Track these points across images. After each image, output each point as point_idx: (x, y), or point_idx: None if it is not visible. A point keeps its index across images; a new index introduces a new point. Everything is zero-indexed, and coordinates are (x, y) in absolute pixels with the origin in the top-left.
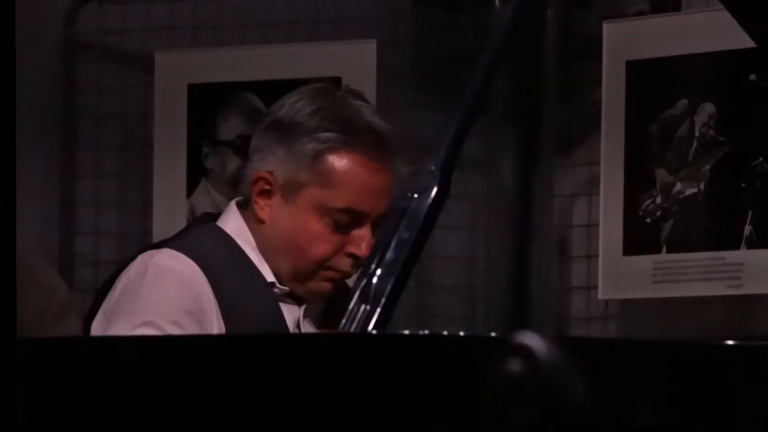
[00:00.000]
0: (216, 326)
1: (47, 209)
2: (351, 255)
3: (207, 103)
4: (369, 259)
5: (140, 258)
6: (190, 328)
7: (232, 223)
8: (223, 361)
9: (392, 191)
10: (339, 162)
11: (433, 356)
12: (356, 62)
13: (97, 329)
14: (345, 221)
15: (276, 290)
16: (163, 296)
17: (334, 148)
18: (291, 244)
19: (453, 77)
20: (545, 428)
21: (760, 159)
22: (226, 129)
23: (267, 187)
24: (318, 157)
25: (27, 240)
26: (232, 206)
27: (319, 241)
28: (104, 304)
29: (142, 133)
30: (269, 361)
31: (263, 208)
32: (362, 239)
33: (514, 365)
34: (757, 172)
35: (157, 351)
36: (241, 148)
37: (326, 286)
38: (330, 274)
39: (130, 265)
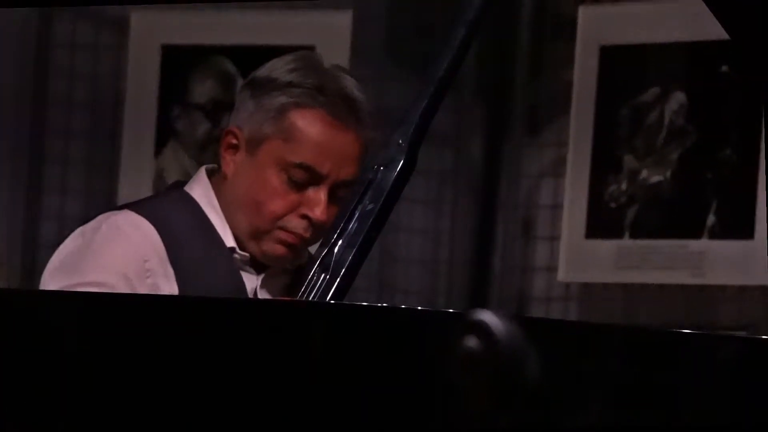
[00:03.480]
0: (163, 290)
1: (16, 172)
2: (304, 216)
3: (180, 65)
4: (331, 229)
5: (99, 217)
6: (123, 289)
7: (199, 189)
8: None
9: (357, 160)
10: (302, 117)
11: (389, 329)
12: (331, 32)
13: (45, 280)
14: (302, 178)
15: (236, 255)
16: (105, 258)
17: (301, 104)
18: (249, 198)
19: (427, 50)
20: (500, 406)
21: (728, 150)
22: (198, 92)
23: (234, 141)
24: (283, 111)
25: None
26: (201, 172)
27: (275, 196)
28: (54, 255)
29: (114, 91)
30: (219, 326)
31: (228, 163)
32: (317, 202)
33: (471, 342)
34: (724, 162)
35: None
36: (212, 111)
37: (281, 248)
38: (283, 235)
39: (88, 223)
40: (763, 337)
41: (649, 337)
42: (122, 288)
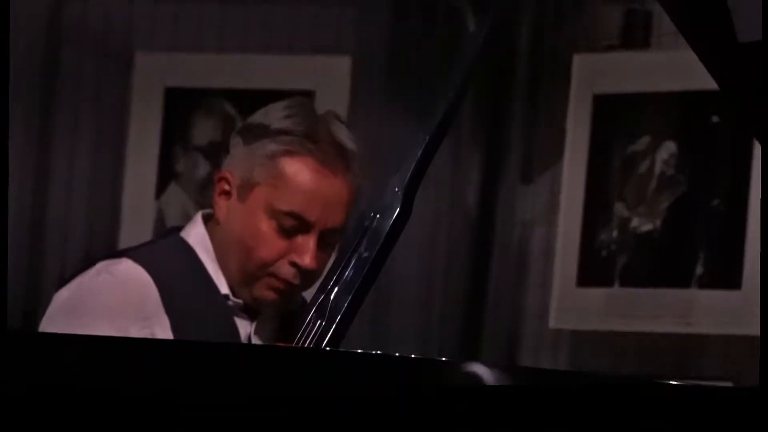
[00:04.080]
0: (158, 336)
1: (20, 205)
2: (293, 264)
3: (182, 107)
4: (327, 275)
5: (98, 265)
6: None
7: (195, 235)
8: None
9: (346, 206)
10: (292, 165)
11: (383, 376)
12: (331, 76)
13: (44, 325)
14: (290, 226)
15: (230, 302)
16: (103, 307)
17: (291, 151)
18: (239, 244)
19: (425, 96)
20: None
21: (717, 200)
22: (199, 134)
23: (227, 187)
24: (273, 157)
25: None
26: (197, 217)
27: (264, 242)
28: (54, 300)
29: (117, 130)
30: (214, 372)
31: (221, 208)
32: (306, 249)
33: (462, 392)
34: (713, 213)
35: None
36: (212, 153)
37: (271, 294)
38: (273, 281)
39: (89, 270)
40: (753, 387)
41: (636, 386)
42: (118, 330)
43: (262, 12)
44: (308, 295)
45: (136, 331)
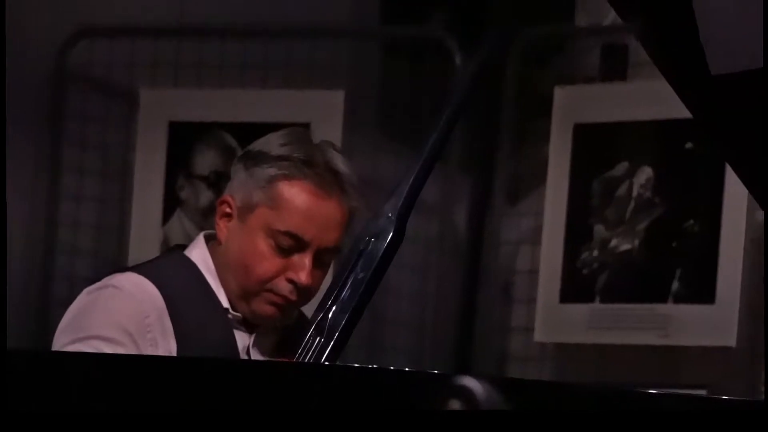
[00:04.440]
0: (162, 347)
1: (31, 233)
2: (290, 281)
3: (185, 139)
4: (326, 295)
5: (105, 278)
6: (125, 347)
7: (197, 253)
8: (166, 382)
9: (340, 227)
10: (288, 187)
11: (379, 389)
12: (325, 109)
13: (56, 337)
14: (287, 245)
15: (230, 316)
16: (109, 314)
17: (288, 175)
18: (239, 261)
19: (414, 126)
20: None
21: (691, 221)
22: (201, 164)
23: (228, 210)
24: (272, 181)
25: (11, 260)
26: (200, 237)
27: (263, 260)
28: (65, 314)
29: (123, 162)
30: (218, 387)
31: (222, 229)
32: (302, 267)
33: (455, 405)
34: (688, 233)
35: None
36: (214, 182)
37: (269, 309)
38: (271, 297)
39: (96, 283)
40: (723, 397)
41: (617, 396)
42: (125, 342)
43: (259, 49)
44: (307, 311)
45: (141, 339)
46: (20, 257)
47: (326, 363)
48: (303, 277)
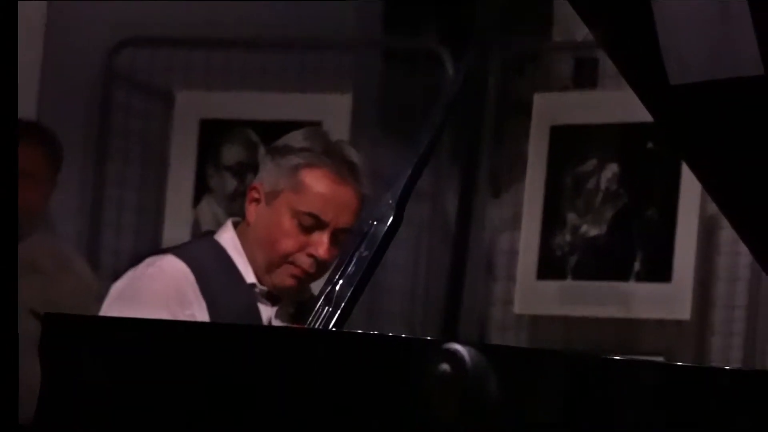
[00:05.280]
0: (198, 318)
1: (81, 212)
2: (310, 255)
3: (214, 134)
4: (333, 270)
5: (147, 260)
6: (167, 317)
7: (226, 236)
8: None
9: (355, 211)
10: (310, 174)
11: (379, 352)
12: (335, 110)
13: (103, 310)
14: (309, 224)
15: (256, 290)
16: (150, 293)
17: (310, 164)
18: (265, 238)
19: (412, 126)
20: (466, 418)
21: (651, 211)
22: (228, 156)
23: (256, 195)
24: (296, 169)
25: (65, 236)
26: (228, 223)
27: (286, 237)
28: (111, 290)
29: (160, 154)
30: (242, 349)
31: (251, 213)
32: (320, 243)
33: (445, 367)
34: (648, 220)
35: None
36: (239, 172)
37: (290, 280)
38: (292, 269)
39: (139, 264)
40: (678, 363)
41: (585, 361)
42: (165, 316)
43: (278, 57)
44: (315, 288)
45: (179, 313)
46: (72, 233)
47: (333, 329)
48: (322, 251)
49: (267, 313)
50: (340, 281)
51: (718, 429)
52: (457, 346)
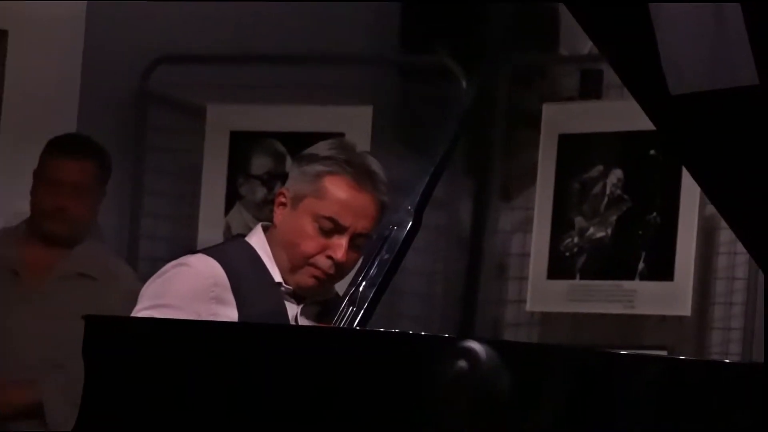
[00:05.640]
0: (223, 316)
1: (120, 219)
2: (329, 257)
3: (244, 145)
4: (357, 273)
5: (180, 258)
6: (187, 314)
7: (255, 238)
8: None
9: (373, 217)
10: (331, 181)
11: (401, 349)
12: (356, 121)
13: (138, 301)
14: (328, 228)
15: (282, 288)
16: (179, 287)
17: (332, 171)
18: (289, 240)
19: (429, 136)
20: (480, 411)
21: (654, 214)
22: (257, 166)
23: (283, 200)
24: (319, 176)
25: (105, 241)
26: (258, 227)
27: (308, 239)
28: (145, 285)
29: (194, 164)
30: (272, 346)
31: (278, 216)
32: (339, 247)
33: (461, 363)
34: (651, 223)
35: (171, 331)
36: (267, 181)
37: (310, 281)
38: (312, 270)
39: (171, 262)
40: (680, 357)
41: (592, 355)
42: (187, 309)
43: (303, 73)
44: (340, 288)
45: (204, 309)
46: (111, 240)
47: (357, 328)
48: (339, 254)
49: (293, 310)
50: (363, 283)
51: (716, 417)
52: (473, 343)
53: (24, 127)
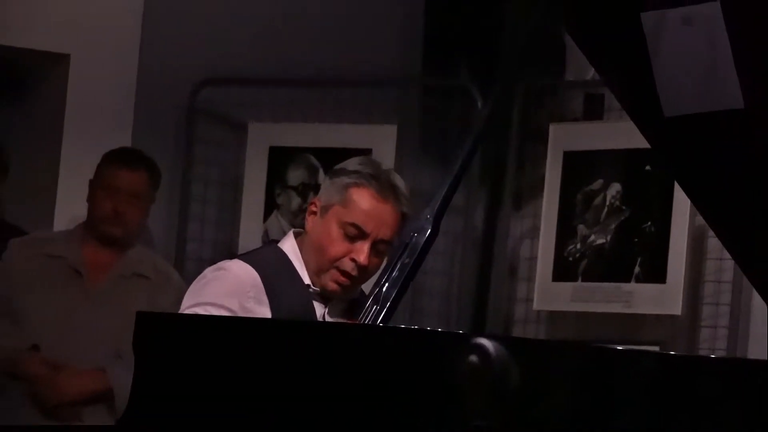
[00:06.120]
0: (259, 313)
1: (169, 224)
2: (353, 260)
3: (281, 159)
4: (380, 275)
5: (219, 263)
6: (229, 312)
7: (287, 244)
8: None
9: (394, 226)
10: (357, 192)
11: (420, 344)
12: (382, 138)
13: (184, 300)
14: (352, 234)
15: (311, 290)
16: (219, 288)
17: (358, 183)
18: (317, 245)
19: (449, 152)
20: (492, 404)
21: (649, 223)
22: (293, 178)
23: (314, 208)
24: (346, 187)
25: (155, 244)
26: (290, 233)
27: (334, 243)
28: (192, 285)
29: (236, 176)
30: (302, 342)
31: (309, 222)
32: (362, 251)
33: (473, 358)
34: (646, 231)
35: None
36: (302, 191)
37: (333, 284)
38: (336, 274)
39: (210, 267)
40: (672, 353)
41: (593, 350)
42: (229, 307)
43: (334, 94)
44: (366, 289)
45: (241, 308)
46: (161, 242)
47: (380, 324)
48: (362, 258)
49: (320, 310)
50: (386, 284)
51: (705, 407)
52: (484, 340)
53: (84, 141)
